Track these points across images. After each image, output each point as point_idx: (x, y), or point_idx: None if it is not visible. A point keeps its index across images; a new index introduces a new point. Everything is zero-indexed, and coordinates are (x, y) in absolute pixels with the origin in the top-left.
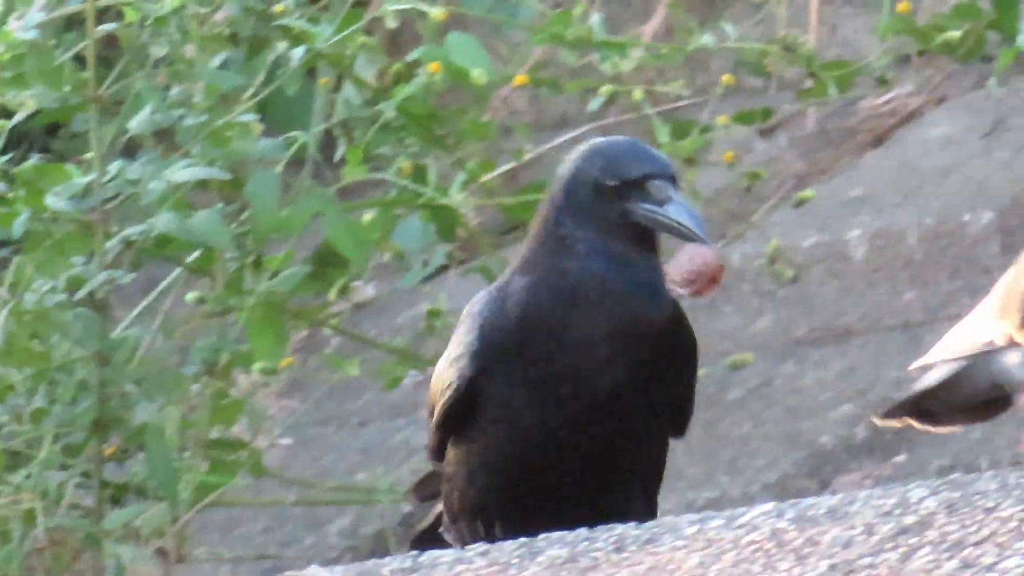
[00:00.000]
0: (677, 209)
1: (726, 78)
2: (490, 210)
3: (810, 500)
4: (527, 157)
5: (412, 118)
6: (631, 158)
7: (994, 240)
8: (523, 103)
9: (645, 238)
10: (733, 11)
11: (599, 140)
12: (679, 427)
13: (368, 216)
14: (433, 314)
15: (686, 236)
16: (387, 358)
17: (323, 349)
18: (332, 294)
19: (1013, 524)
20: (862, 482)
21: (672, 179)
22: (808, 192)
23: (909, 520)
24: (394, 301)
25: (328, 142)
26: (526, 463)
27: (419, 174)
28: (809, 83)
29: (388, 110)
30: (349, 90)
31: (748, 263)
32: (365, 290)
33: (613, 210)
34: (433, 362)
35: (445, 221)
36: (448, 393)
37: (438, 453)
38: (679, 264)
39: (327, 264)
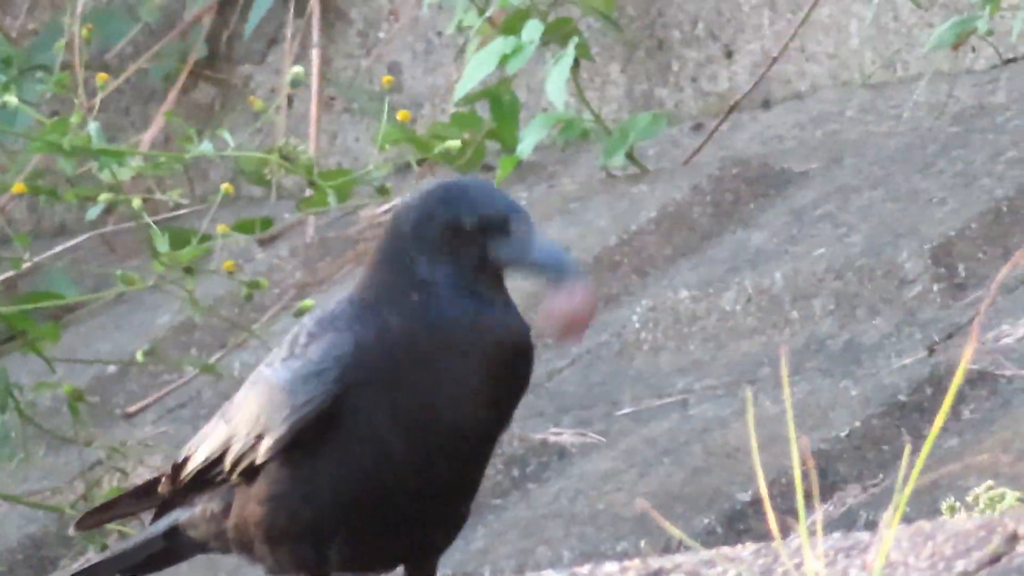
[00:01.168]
0: (546, 251)
1: (225, 187)
2: None
3: None
4: (26, 266)
5: None
6: (487, 197)
7: None
8: (21, 212)
9: (500, 275)
10: (232, 118)
11: (446, 180)
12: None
13: None
14: None
15: (559, 279)
16: None
17: None
18: None
19: None
20: None
21: (531, 220)
22: (308, 302)
23: None
24: None
25: None
26: (384, 486)
27: None
28: (309, 192)
29: None
30: None
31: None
32: None
33: (472, 252)
34: None
35: None
36: (306, 408)
37: (245, 474)
38: (556, 307)
39: None
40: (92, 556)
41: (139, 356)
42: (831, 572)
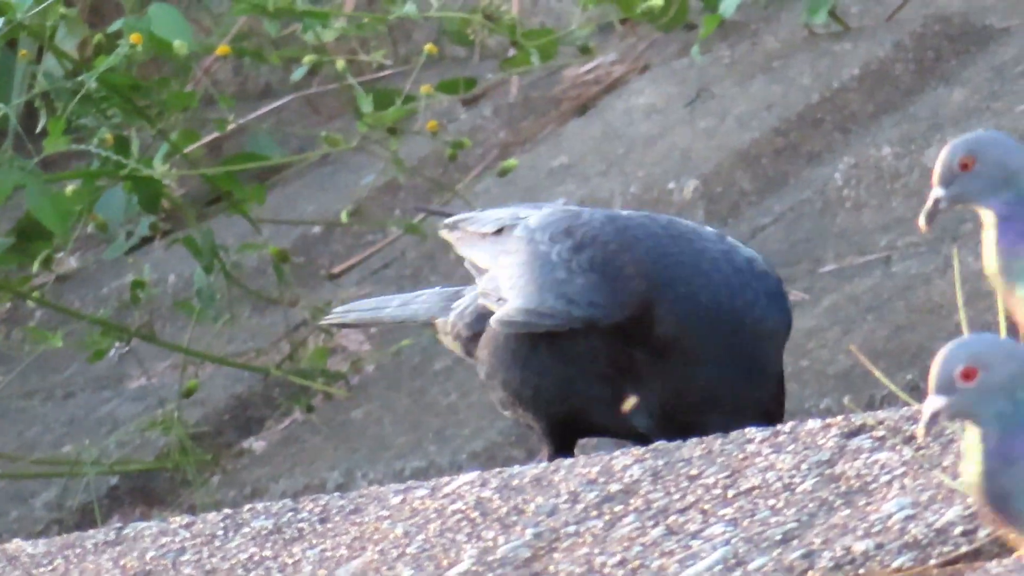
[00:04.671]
0: None
1: (429, 47)
2: (193, 181)
3: (515, 469)
4: (230, 127)
5: (114, 89)
6: None
7: (699, 207)
8: (226, 73)
9: None
10: None
11: None
12: None
13: (71, 187)
14: (138, 285)
15: None
16: (92, 330)
17: (26, 321)
18: (35, 266)
19: (717, 491)
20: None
21: None
22: (512, 161)
23: (614, 488)
24: (98, 273)
25: (30, 114)
26: (583, 401)
27: (122, 145)
28: (512, 52)
29: (90, 81)
30: (50, 61)
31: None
32: (68, 262)
33: None
34: (137, 333)
35: (148, 192)
36: (543, 319)
37: None
38: None
39: (30, 236)
40: (298, 415)
41: (344, 216)
42: None
